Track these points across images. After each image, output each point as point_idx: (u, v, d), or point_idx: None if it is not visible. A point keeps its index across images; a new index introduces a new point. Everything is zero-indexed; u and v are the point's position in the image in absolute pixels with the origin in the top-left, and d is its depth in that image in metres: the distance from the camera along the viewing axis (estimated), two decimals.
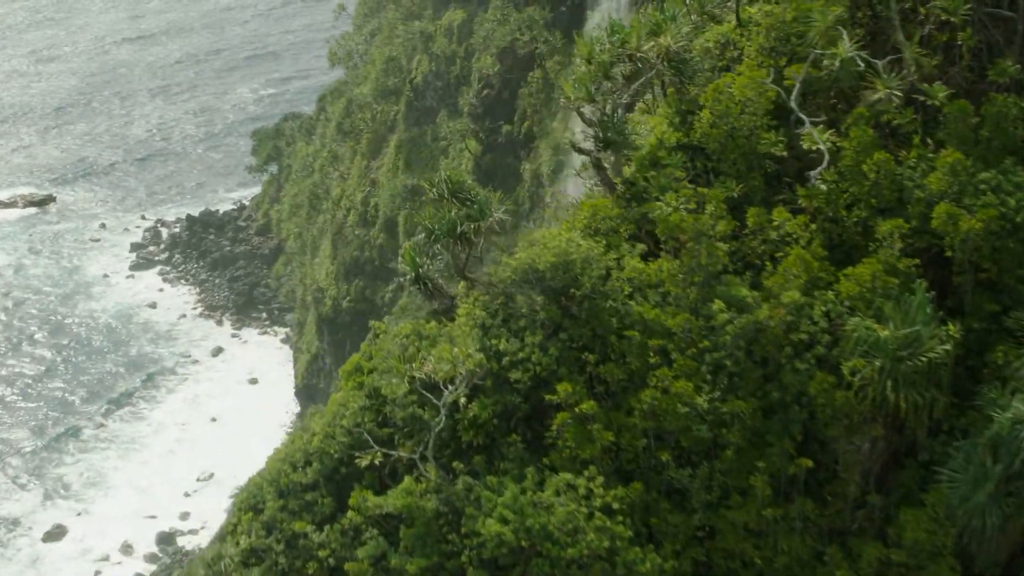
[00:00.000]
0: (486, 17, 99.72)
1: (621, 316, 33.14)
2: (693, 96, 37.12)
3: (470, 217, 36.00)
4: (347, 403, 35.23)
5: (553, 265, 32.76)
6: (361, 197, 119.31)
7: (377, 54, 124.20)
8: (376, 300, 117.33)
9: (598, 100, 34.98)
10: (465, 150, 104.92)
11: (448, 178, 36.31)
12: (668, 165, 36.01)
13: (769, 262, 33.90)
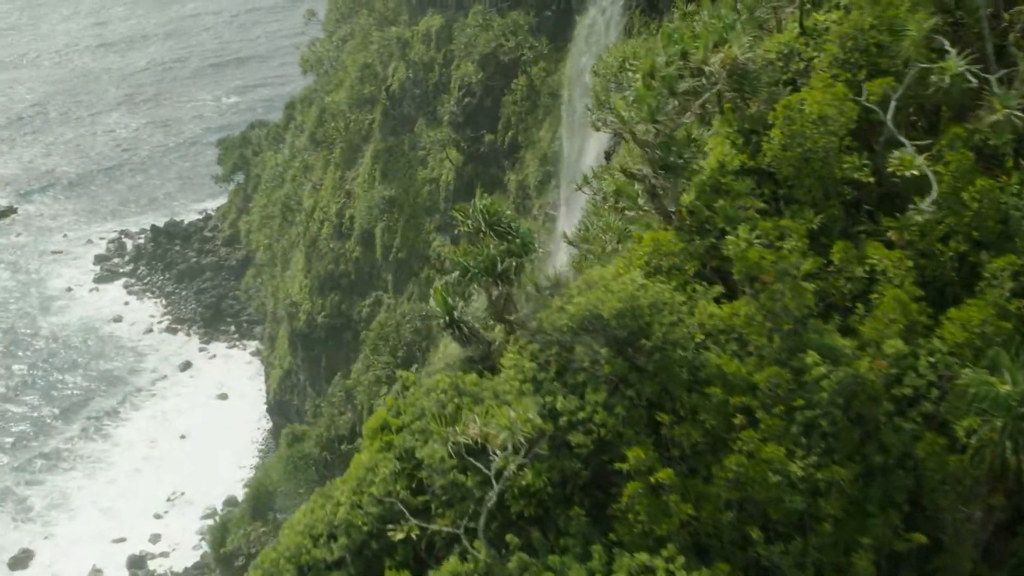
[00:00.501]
0: (467, 23, 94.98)
1: (694, 368, 28.44)
2: (757, 113, 32.45)
3: (510, 253, 31.21)
4: (376, 467, 30.43)
5: (619, 312, 28.01)
6: (336, 209, 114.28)
7: (350, 61, 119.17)
8: (353, 315, 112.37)
9: (661, 120, 30.03)
10: (446, 160, 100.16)
11: (484, 208, 31.50)
12: (735, 192, 31.33)
13: (858, 303, 29.33)
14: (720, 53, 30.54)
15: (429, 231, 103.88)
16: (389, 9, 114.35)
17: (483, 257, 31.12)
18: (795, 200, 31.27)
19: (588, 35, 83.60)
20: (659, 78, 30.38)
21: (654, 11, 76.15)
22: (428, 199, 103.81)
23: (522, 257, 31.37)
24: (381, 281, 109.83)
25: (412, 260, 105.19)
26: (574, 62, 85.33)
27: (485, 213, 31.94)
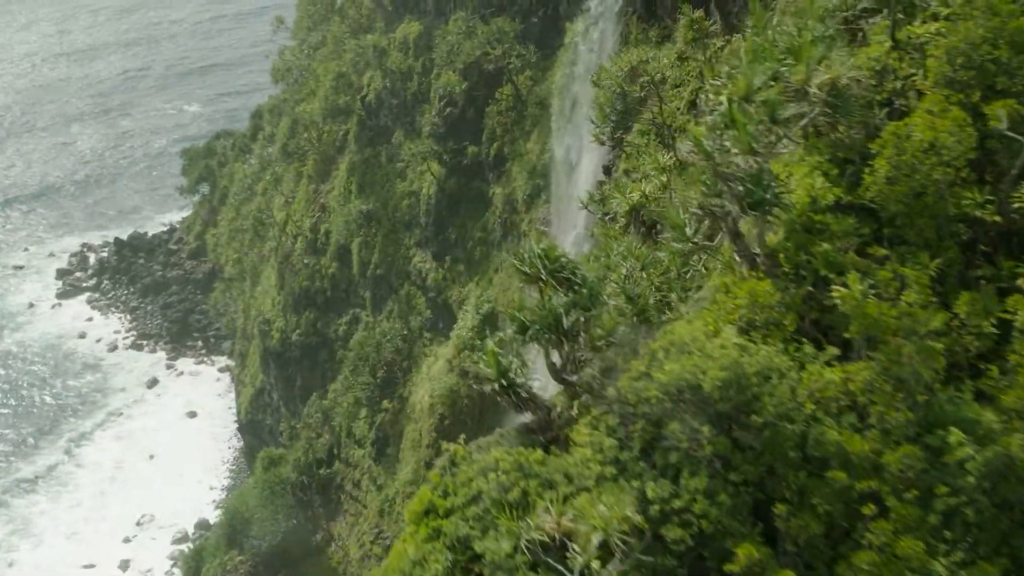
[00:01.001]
0: (448, 30, 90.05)
1: (808, 446, 23.71)
2: (850, 139, 27.79)
3: (576, 305, 26.50)
4: (424, 560, 25.55)
5: (723, 382, 23.22)
6: (310, 223, 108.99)
7: (322, 70, 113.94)
8: (329, 333, 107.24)
9: (761, 152, 25.28)
10: (427, 172, 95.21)
11: (543, 253, 26.76)
12: (831, 232, 26.64)
13: (990, 364, 24.73)
14: (821, 72, 25.74)
15: (409, 246, 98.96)
16: (363, 16, 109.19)
17: (545, 311, 26.34)
18: (904, 241, 26.62)
19: (580, 42, 78.91)
20: (759, 102, 25.52)
21: (652, 18, 71.60)
22: (407, 213, 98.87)
23: (590, 310, 26.61)
24: (358, 298, 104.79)
25: (391, 276, 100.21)
26: (564, 70, 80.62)
27: (544, 258, 27.18)
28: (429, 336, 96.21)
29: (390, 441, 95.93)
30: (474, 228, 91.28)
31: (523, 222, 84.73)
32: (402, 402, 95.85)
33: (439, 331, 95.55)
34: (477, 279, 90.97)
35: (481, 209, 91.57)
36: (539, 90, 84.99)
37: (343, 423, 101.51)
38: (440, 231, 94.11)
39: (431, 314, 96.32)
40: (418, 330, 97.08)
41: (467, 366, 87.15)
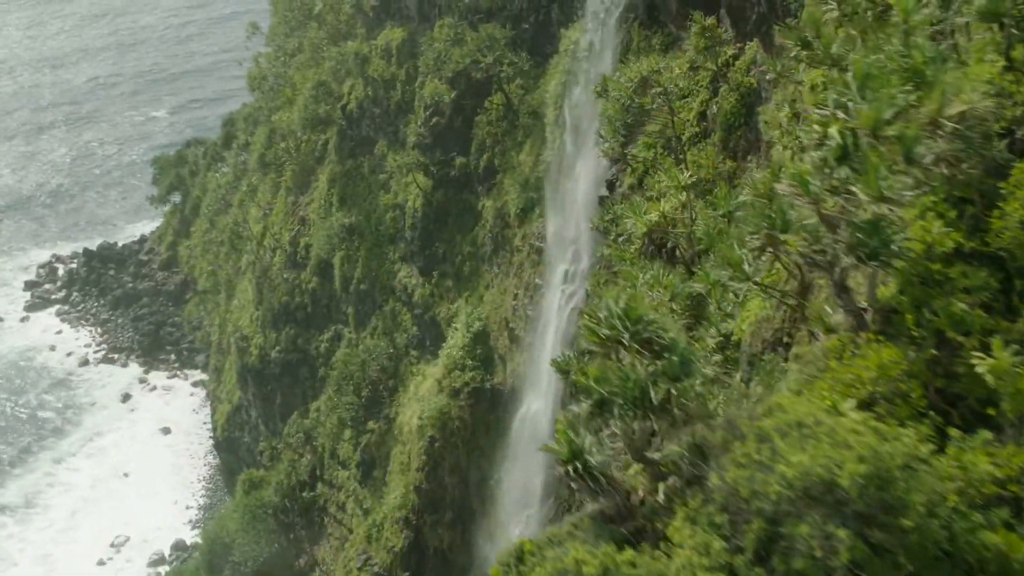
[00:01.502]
0: (435, 37, 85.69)
1: (955, 547, 19.57)
2: (968, 175, 23.68)
3: (666, 374, 22.32)
4: None
5: (864, 478, 19.04)
6: (289, 236, 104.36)
7: (298, 77, 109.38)
8: (310, 350, 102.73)
9: (894, 198, 21.07)
10: (412, 184, 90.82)
11: (624, 312, 22.59)
12: (954, 285, 22.54)
13: None
14: (955, 103, 21.58)
15: (394, 261, 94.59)
16: (342, 22, 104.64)
17: (629, 382, 22.14)
18: None
19: (576, 50, 74.71)
20: (892, 140, 21.29)
21: (655, 24, 67.51)
22: (392, 226, 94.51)
23: (681, 381, 22.42)
24: (341, 314, 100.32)
25: (375, 292, 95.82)
26: (560, 79, 76.43)
27: (625, 319, 23.00)
28: (416, 354, 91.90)
29: (376, 463, 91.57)
30: (463, 242, 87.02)
31: (516, 237, 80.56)
32: (388, 423, 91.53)
33: (426, 349, 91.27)
34: (467, 295, 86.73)
35: (470, 223, 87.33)
36: (531, 99, 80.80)
37: (326, 443, 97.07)
38: (427, 245, 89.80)
39: (417, 331, 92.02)
40: (404, 348, 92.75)
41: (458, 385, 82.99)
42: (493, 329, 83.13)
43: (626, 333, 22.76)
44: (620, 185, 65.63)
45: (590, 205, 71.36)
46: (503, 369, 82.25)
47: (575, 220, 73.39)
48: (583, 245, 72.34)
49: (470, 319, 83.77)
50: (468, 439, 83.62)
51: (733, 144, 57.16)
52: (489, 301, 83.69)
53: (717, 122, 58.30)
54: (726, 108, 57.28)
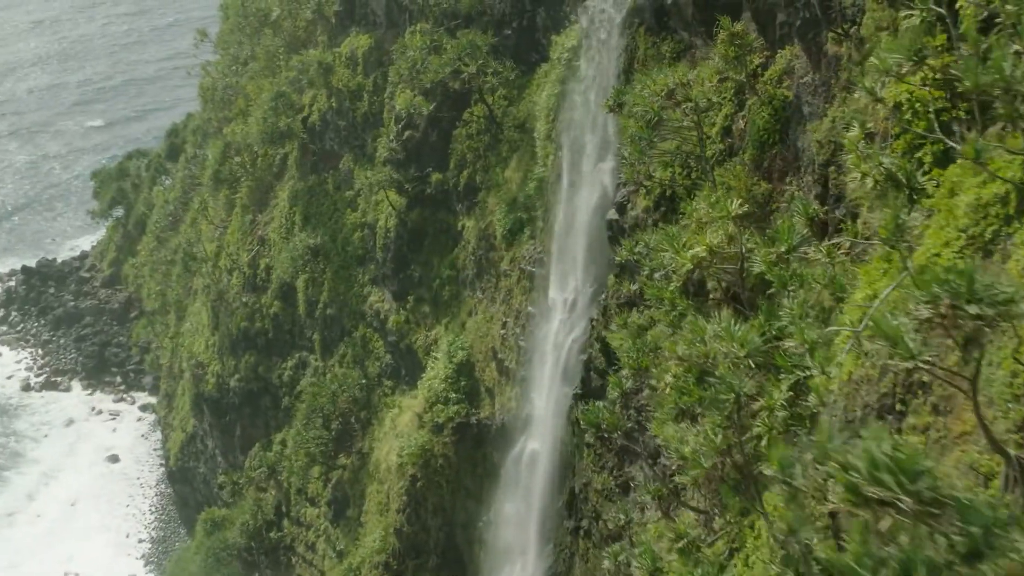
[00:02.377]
0: (408, 44, 77.23)
1: None
2: None
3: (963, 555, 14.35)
4: None
5: None
6: (248, 258, 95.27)
7: (253, 87, 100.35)
8: (272, 378, 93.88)
9: None
10: (384, 202, 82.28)
11: (895, 462, 14.50)
12: None
13: None
14: None
15: (363, 284, 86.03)
16: (300, 28, 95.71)
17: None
18: None
19: (572, 58, 66.58)
20: None
21: (663, 30, 59.37)
22: (360, 247, 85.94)
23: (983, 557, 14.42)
24: (305, 340, 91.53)
25: (343, 317, 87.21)
26: (552, 90, 68.32)
27: (898, 471, 14.97)
28: (390, 384, 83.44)
29: (350, 502, 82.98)
30: (441, 265, 78.70)
31: (503, 260, 72.37)
32: (362, 458, 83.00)
33: (401, 379, 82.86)
34: (446, 322, 78.42)
35: (449, 244, 79.03)
36: (516, 111, 72.66)
37: (293, 479, 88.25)
38: (401, 268, 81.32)
39: (391, 360, 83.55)
40: (376, 377, 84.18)
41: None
42: (478, 359, 74.89)
43: (901, 491, 14.68)
44: (631, 207, 57.62)
45: (593, 228, 63.47)
46: (490, 403, 74.09)
47: (574, 244, 65.38)
48: (585, 272, 64.36)
49: (452, 348, 75.51)
50: (453, 478, 75.47)
51: (768, 164, 49.17)
52: (473, 329, 75.46)
53: (748, 139, 50.26)
54: (758, 124, 49.31)
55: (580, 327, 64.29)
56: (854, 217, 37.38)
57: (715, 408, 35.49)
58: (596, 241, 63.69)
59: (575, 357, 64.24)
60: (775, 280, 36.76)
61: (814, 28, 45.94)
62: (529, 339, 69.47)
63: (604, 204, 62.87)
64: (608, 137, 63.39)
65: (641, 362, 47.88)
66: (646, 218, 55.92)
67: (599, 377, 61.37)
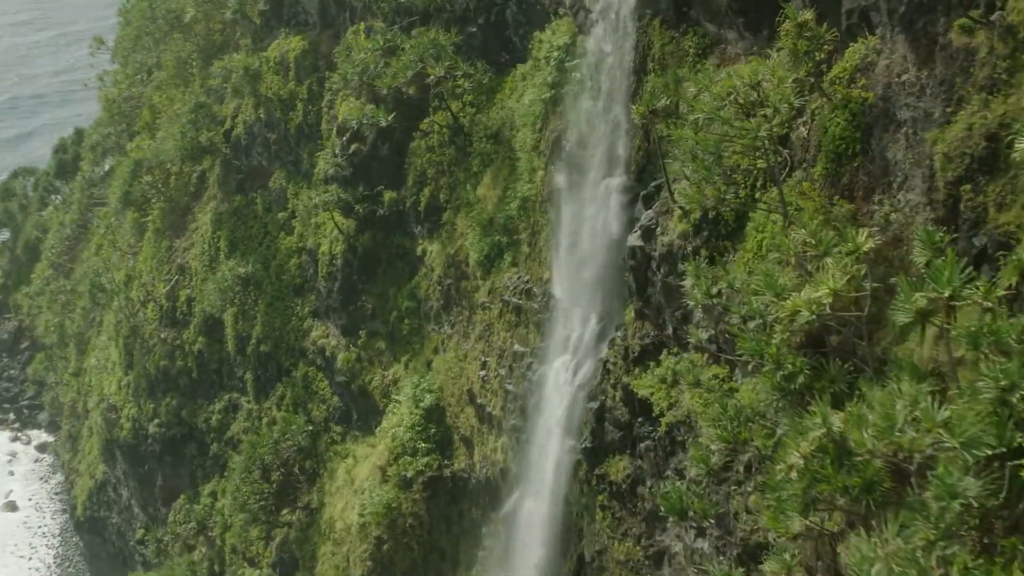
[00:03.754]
0: (354, 45, 64.76)
1: None
2: None
3: None
4: None
5: None
6: (165, 288, 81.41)
7: (160, 98, 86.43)
8: (198, 423, 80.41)
9: None
10: (328, 225, 69.60)
11: None
12: None
13: None
14: None
15: (303, 317, 73.25)
16: (216, 31, 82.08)
17: None
18: None
19: (566, 57, 54.63)
20: None
21: (684, 22, 47.93)
22: (298, 275, 73.14)
23: None
24: (236, 380, 78.26)
25: (280, 354, 74.27)
26: (539, 94, 56.35)
27: None
28: (339, 430, 70.86)
29: (300, 565, 70.07)
30: (398, 296, 66.42)
31: (479, 290, 60.32)
32: (310, 514, 70.14)
33: (353, 424, 70.37)
34: (407, 360, 66.09)
35: (406, 272, 66.80)
36: (487, 120, 60.60)
37: (227, 536, 74.95)
38: (350, 299, 68.77)
39: (340, 403, 70.92)
40: (322, 422, 71.37)
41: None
42: (450, 404, 62.68)
43: None
44: (662, 232, 46.10)
45: (600, 254, 51.57)
46: (467, 453, 62.00)
47: (576, 273, 53.41)
48: (590, 305, 52.49)
49: (418, 391, 63.28)
50: (425, 539, 63.45)
51: (848, 179, 37.84)
52: (442, 369, 63.23)
53: (821, 149, 38.91)
54: (833, 131, 37.91)
55: (587, 369, 52.49)
56: (1004, 247, 27.84)
57: (923, 517, 25.02)
58: (605, 269, 51.97)
59: (581, 404, 52.38)
60: (964, 337, 26.16)
61: (925, 14, 34.77)
62: (519, 382, 57.42)
63: (613, 226, 51.12)
64: (616, 149, 51.58)
65: (739, 434, 36.19)
66: (684, 245, 44.50)
67: (617, 429, 49.57)
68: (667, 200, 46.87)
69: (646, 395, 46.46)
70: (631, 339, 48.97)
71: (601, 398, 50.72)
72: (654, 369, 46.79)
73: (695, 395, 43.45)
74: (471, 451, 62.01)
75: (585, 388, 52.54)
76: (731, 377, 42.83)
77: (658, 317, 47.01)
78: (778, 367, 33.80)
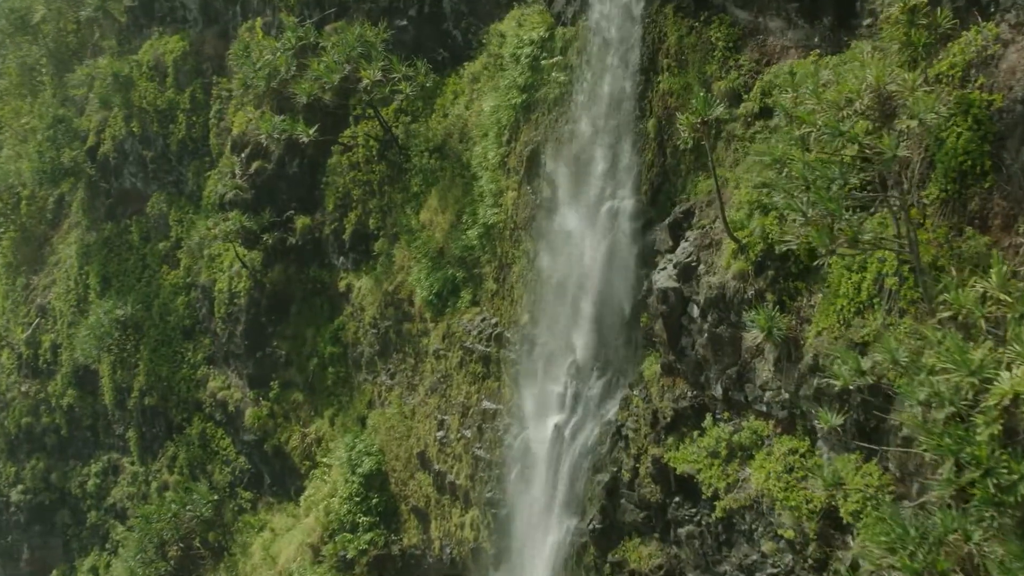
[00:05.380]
0: (253, 44, 51.06)
1: None
2: None
3: None
4: None
5: None
6: (24, 334, 65.96)
7: (3, 110, 70.54)
8: (70, 487, 65.34)
9: None
10: (228, 257, 55.76)
11: None
12: None
13: None
14: None
15: (195, 364, 59.16)
16: (70, 32, 66.71)
17: None
18: None
19: (541, 53, 42.15)
20: None
21: (704, 8, 36.27)
22: (188, 316, 59.08)
23: None
24: (115, 439, 63.75)
25: (170, 408, 60.19)
26: (505, 99, 43.90)
27: None
28: (248, 497, 57.13)
29: None
30: (319, 340, 53.18)
31: (429, 334, 47.56)
32: None
33: (266, 490, 56.88)
34: (333, 415, 53.00)
35: (326, 311, 53.58)
36: (426, 130, 47.78)
37: None
38: (257, 345, 55.23)
39: (248, 465, 57.09)
40: (227, 488, 57.53)
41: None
42: (395, 468, 49.95)
43: None
44: (706, 270, 34.61)
45: (605, 293, 39.50)
46: (420, 528, 49.37)
47: (573, 315, 41.14)
48: (592, 355, 40.43)
49: (354, 454, 50.46)
50: None
51: (978, 204, 26.83)
52: (382, 427, 50.41)
53: (934, 165, 27.94)
54: (953, 144, 26.92)
55: (591, 433, 40.40)
56: None
57: None
58: (609, 311, 39.97)
59: (585, 476, 40.32)
60: None
61: None
62: (493, 447, 44.90)
63: (622, 258, 39.05)
64: (619, 165, 39.53)
65: (934, 563, 24.35)
66: (741, 288, 32.76)
67: (639, 508, 37.74)
68: (708, 231, 35.14)
69: (689, 471, 34.81)
70: (658, 400, 37.21)
71: (613, 469, 39.14)
72: (697, 439, 35.20)
73: (767, 474, 32.12)
74: (426, 525, 49.30)
75: (589, 457, 40.54)
76: (813, 451, 31.64)
77: (698, 374, 35.44)
78: (987, 473, 22.58)
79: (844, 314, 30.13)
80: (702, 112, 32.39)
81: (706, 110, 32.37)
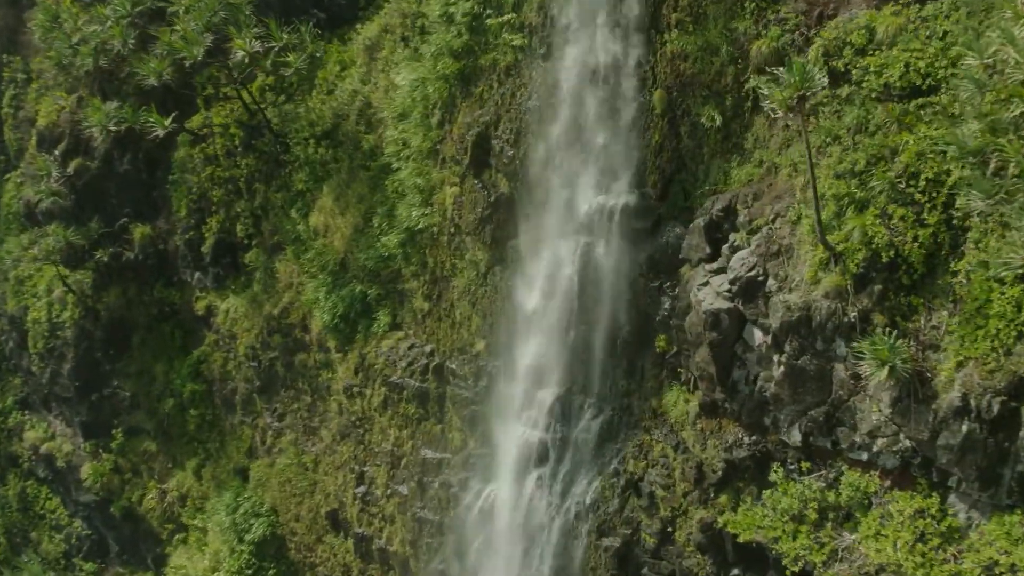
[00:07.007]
0: (70, 11, 37.91)
1: None
2: None
3: None
4: None
5: None
6: None
7: None
8: None
9: None
10: (46, 279, 42.31)
11: None
12: None
13: None
14: None
15: (5, 410, 45.29)
16: None
17: None
18: None
19: (486, 11, 31.23)
20: None
21: None
22: None
23: None
24: None
25: None
26: (431, 68, 32.89)
27: None
28: (91, 569, 44.05)
29: None
30: (173, 376, 40.68)
31: (332, 367, 36.27)
32: None
33: (113, 560, 43.97)
34: (197, 465, 41.02)
35: (178, 339, 41.22)
36: (307, 112, 36.05)
37: None
38: (92, 385, 42.34)
39: (88, 530, 44.02)
40: (61, 559, 44.33)
41: None
42: (295, 532, 38.43)
43: None
44: (781, 287, 24.80)
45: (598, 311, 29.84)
46: None
47: (550, 339, 30.96)
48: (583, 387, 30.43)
49: (239, 517, 38.30)
50: None
51: None
52: (272, 481, 38.58)
53: None
54: None
55: (587, 488, 30.32)
56: None
57: None
58: (600, 335, 29.88)
59: (584, 541, 30.34)
60: None
61: None
62: (443, 508, 33.98)
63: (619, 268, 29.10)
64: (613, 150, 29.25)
65: None
66: (838, 309, 24.04)
67: None
68: (772, 235, 25.55)
69: (760, 540, 25.44)
70: (697, 448, 27.55)
71: (626, 532, 29.14)
72: (767, 497, 25.79)
73: (892, 543, 23.43)
74: None
75: (589, 517, 30.41)
76: (943, 511, 22.78)
77: (759, 415, 26.08)
78: None
79: (1001, 339, 21.33)
80: (799, 85, 22.53)
81: (803, 82, 22.55)
